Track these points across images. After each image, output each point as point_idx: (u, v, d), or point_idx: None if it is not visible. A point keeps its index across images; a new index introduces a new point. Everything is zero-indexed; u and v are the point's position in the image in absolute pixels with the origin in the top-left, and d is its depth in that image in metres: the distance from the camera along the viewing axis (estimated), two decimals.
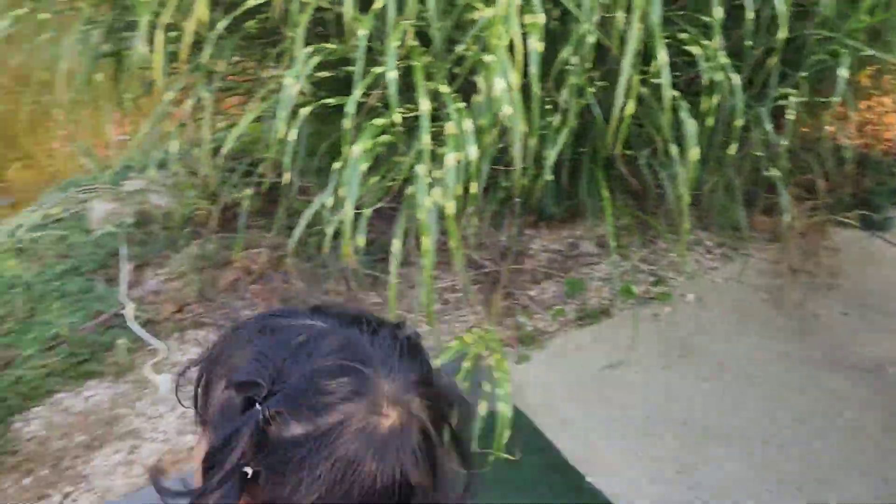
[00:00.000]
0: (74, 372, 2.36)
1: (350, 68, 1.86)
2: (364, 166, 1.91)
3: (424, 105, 1.73)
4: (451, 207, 1.72)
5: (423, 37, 2.00)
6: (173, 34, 2.17)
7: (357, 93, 1.81)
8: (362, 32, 1.77)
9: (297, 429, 0.57)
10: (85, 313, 2.56)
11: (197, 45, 2.25)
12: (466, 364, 1.78)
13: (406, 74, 1.85)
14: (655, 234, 2.92)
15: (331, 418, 0.58)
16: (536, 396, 2.26)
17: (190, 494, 0.60)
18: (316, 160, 2.47)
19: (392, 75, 1.72)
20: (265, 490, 0.58)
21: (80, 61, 2.55)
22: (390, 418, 0.59)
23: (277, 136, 1.89)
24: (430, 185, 1.82)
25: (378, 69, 1.72)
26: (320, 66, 1.92)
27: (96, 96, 2.62)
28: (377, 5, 1.76)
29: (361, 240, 1.94)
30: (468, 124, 1.75)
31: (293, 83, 1.83)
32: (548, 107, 2.04)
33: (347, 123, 1.80)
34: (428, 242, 1.74)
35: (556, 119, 2.03)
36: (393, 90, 1.73)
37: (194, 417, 0.67)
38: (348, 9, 1.66)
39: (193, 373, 0.68)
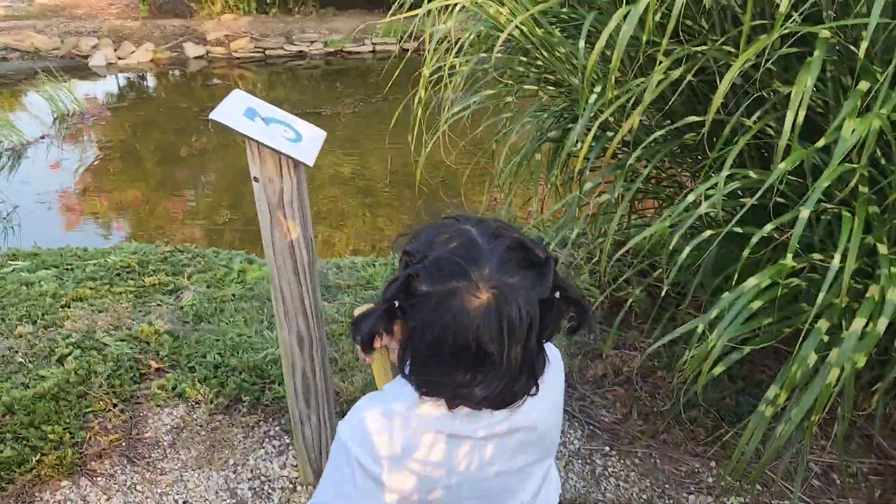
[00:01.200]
0: None
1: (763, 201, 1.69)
2: (755, 304, 1.72)
3: (839, 260, 1.48)
4: (833, 374, 1.44)
5: (876, 182, 1.72)
6: (610, 133, 2.25)
7: (767, 227, 1.64)
8: (782, 166, 1.59)
9: (425, 287, 0.88)
10: None
11: (627, 144, 2.30)
12: None
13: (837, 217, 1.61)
14: None
15: (443, 287, 0.87)
16: None
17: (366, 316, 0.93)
18: (719, 278, 2.33)
19: (804, 214, 1.51)
20: (405, 322, 0.92)
21: (526, 140, 2.82)
22: (481, 300, 0.86)
23: (670, 248, 1.81)
24: (825, 343, 1.57)
25: (804, 210, 1.52)
26: (738, 192, 1.78)
27: (531, 172, 2.86)
28: (819, 143, 1.56)
29: (718, 368, 1.81)
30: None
31: (701, 202, 1.74)
32: None
33: (745, 254, 1.64)
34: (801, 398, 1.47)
35: None
36: (798, 231, 1.51)
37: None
38: (783, 140, 1.50)
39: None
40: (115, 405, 2.50)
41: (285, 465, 2.31)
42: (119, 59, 10.18)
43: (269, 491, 2.23)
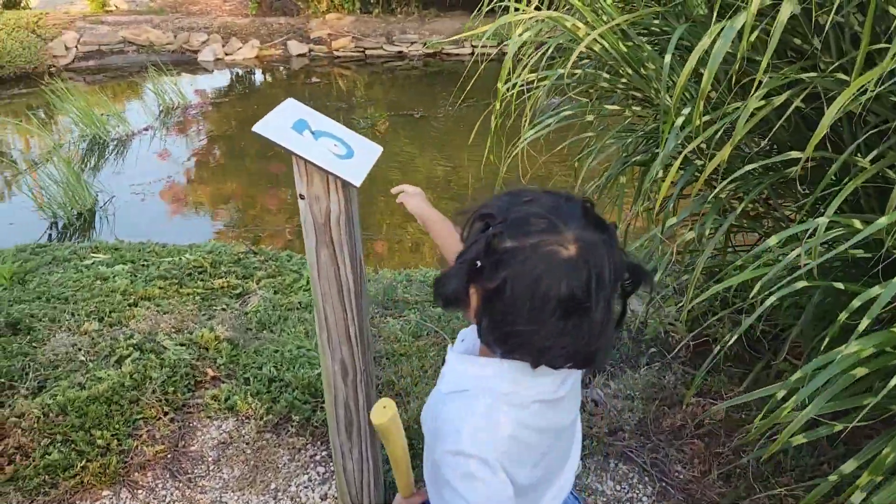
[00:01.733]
0: None
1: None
2: (858, 370, 1.45)
3: None
4: None
5: None
6: (699, 162, 2.00)
7: (875, 290, 1.36)
8: (883, 221, 1.32)
9: (510, 243, 0.90)
10: None
11: (716, 173, 2.04)
12: None
13: None
14: None
15: (531, 241, 0.89)
16: None
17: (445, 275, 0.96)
18: (820, 328, 2.04)
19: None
20: (486, 280, 0.91)
21: (610, 161, 2.59)
22: (570, 252, 0.88)
23: (757, 293, 1.56)
24: None
25: None
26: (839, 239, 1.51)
27: (615, 195, 2.63)
28: None
29: (798, 439, 1.57)
30: None
31: (793, 249, 1.48)
32: None
33: (842, 317, 1.37)
34: None
35: None
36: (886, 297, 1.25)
37: None
38: None
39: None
40: (165, 413, 2.46)
41: (326, 495, 2.19)
42: (226, 54, 10.49)
43: None
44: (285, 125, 1.57)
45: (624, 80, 2.04)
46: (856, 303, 1.39)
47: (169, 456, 2.32)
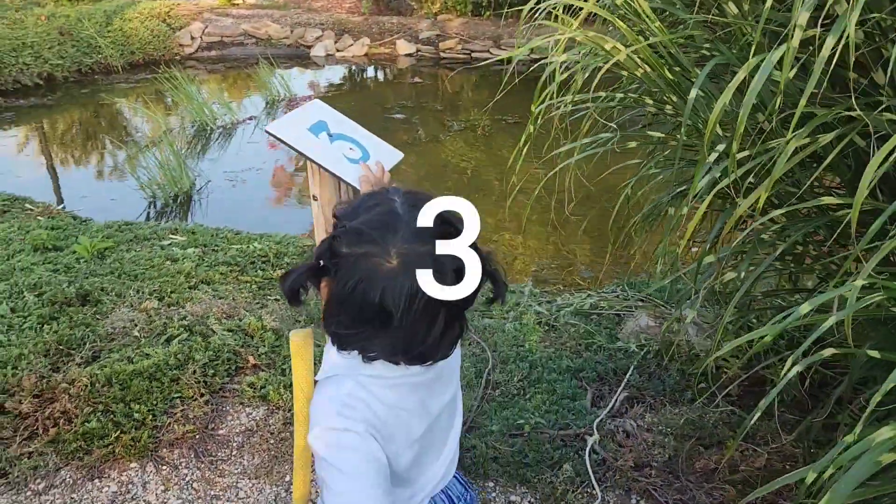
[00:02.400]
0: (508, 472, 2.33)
1: None
2: (884, 457, 1.30)
3: None
4: None
5: None
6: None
7: None
8: None
9: (345, 249, 0.97)
10: (555, 417, 2.52)
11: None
12: None
13: None
14: None
15: (360, 250, 0.97)
16: None
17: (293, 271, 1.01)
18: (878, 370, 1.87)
19: None
20: (330, 280, 1.00)
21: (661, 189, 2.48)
22: (391, 265, 0.95)
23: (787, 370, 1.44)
24: None
25: None
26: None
27: (669, 225, 2.51)
28: None
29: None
30: None
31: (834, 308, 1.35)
32: None
33: (874, 400, 1.24)
34: None
35: None
36: None
37: None
38: None
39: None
40: (202, 395, 2.56)
41: None
42: (337, 51, 10.82)
43: None
44: (302, 126, 1.59)
45: (669, 107, 1.94)
46: (886, 386, 1.25)
47: (197, 436, 2.42)
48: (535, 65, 2.43)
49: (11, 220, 4.12)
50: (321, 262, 0.99)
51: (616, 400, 2.63)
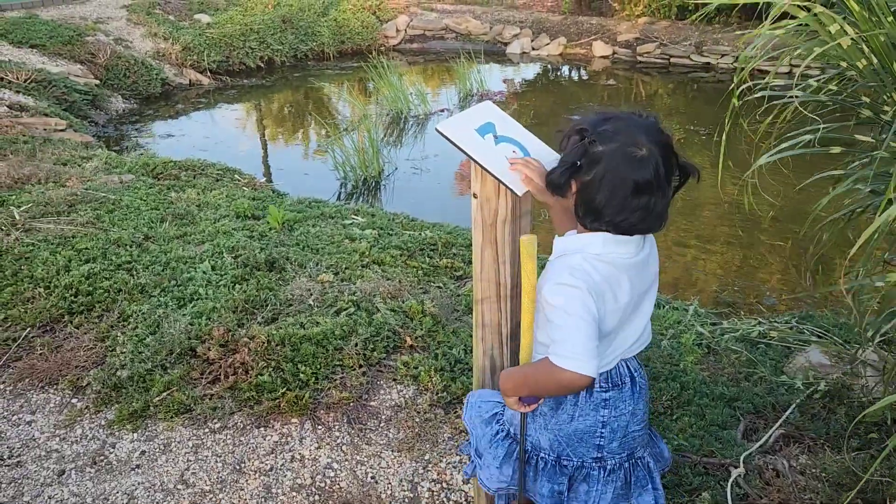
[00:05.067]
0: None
1: None
2: None
3: None
4: None
5: None
6: None
7: None
8: None
9: (600, 147, 1.38)
10: (700, 443, 2.43)
11: None
12: None
13: None
14: None
15: (614, 145, 1.38)
16: None
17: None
18: None
19: None
20: (583, 174, 1.41)
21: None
22: (643, 153, 1.36)
23: None
24: None
25: None
26: None
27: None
28: None
29: None
30: None
31: None
32: None
33: None
34: None
35: None
36: None
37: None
38: None
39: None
40: (360, 366, 2.76)
41: (468, 480, 2.30)
42: (532, 49, 10.90)
43: (444, 500, 2.25)
44: (470, 126, 1.67)
45: (888, 109, 1.78)
46: None
47: (351, 404, 2.61)
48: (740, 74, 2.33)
49: (222, 189, 4.64)
50: (578, 163, 1.39)
51: (770, 436, 2.48)
